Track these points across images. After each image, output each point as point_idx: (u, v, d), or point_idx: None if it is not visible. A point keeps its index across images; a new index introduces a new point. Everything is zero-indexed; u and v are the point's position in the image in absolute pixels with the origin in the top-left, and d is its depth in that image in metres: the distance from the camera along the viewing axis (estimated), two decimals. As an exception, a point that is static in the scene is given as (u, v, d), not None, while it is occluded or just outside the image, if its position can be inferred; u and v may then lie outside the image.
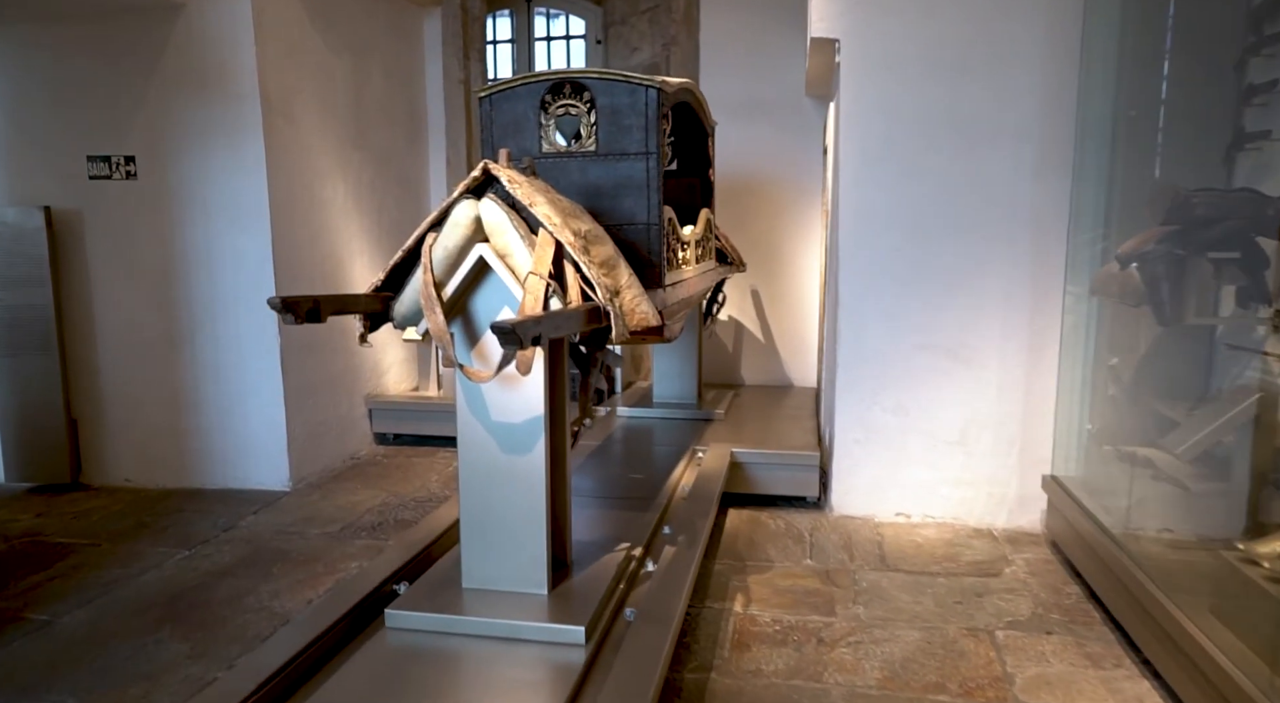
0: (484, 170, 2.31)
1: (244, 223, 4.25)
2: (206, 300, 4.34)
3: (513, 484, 2.42)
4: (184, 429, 4.45)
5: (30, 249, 4.27)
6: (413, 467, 4.86)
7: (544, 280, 2.17)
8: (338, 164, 4.88)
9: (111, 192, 4.32)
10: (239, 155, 4.21)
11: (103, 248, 4.38)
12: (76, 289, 4.42)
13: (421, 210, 5.97)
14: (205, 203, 4.27)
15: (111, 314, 4.42)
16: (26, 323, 4.33)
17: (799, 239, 5.65)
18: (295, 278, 4.45)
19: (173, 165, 4.27)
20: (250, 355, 4.34)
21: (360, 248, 5.12)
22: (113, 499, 4.33)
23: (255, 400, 4.38)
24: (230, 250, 4.29)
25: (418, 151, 5.88)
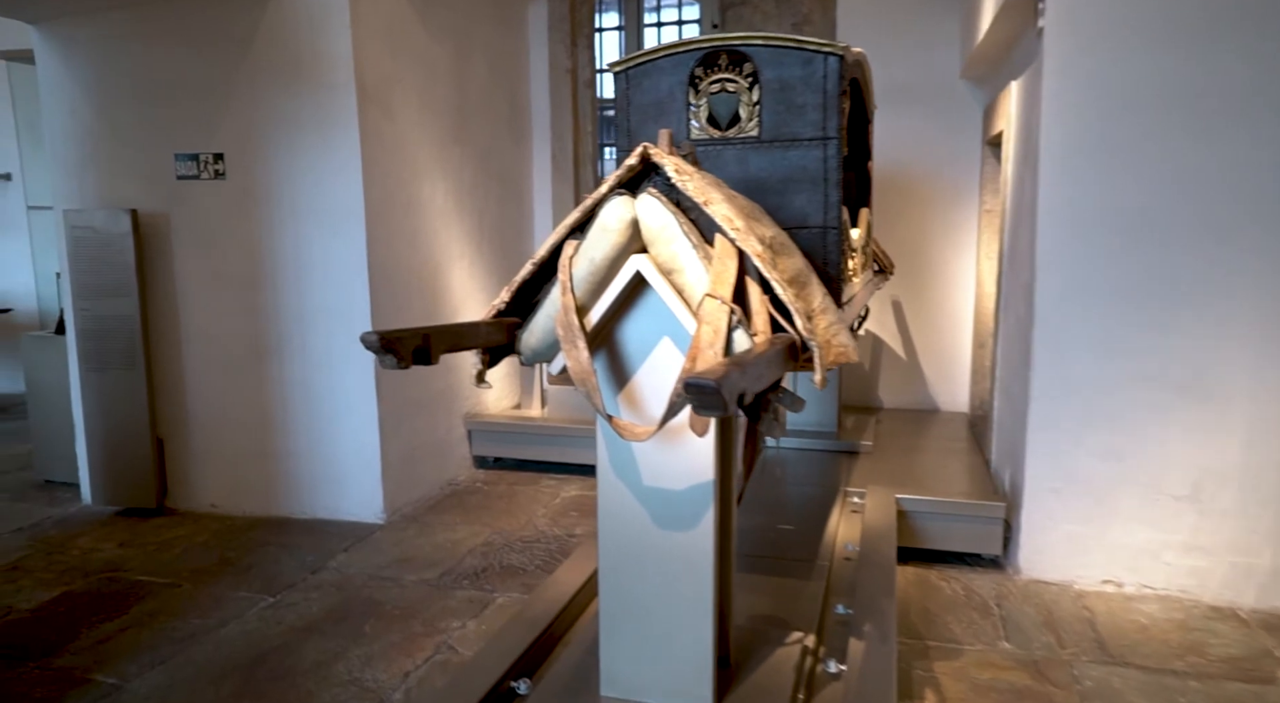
0: (642, 157, 1.75)
1: (337, 225, 3.83)
2: (296, 311, 3.94)
3: (670, 569, 1.86)
4: (271, 453, 4.06)
5: (117, 255, 3.95)
6: (516, 497, 4.37)
7: (727, 306, 1.60)
8: (437, 161, 4.43)
9: (199, 192, 3.97)
10: (332, 151, 3.78)
11: (189, 253, 4.03)
12: (162, 298, 4.08)
13: (524, 212, 5.50)
14: (295, 203, 3.87)
15: (197, 325, 4.07)
16: (113, 335, 4.01)
17: (951, 244, 4.95)
18: (391, 286, 4.02)
19: (262, 163, 3.88)
20: (342, 372, 3.93)
21: (460, 253, 4.67)
22: (197, 528, 3.97)
23: (347, 422, 3.96)
24: (321, 256, 3.87)
25: (520, 148, 5.41)
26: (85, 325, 4.02)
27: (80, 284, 4.00)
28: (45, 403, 4.59)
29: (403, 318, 4.12)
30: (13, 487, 4.63)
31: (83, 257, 3.98)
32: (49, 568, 3.54)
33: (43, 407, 4.61)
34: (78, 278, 4.00)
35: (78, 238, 3.98)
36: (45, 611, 3.16)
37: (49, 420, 4.58)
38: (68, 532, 3.95)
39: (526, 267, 1.83)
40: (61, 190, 4.13)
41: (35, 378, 4.62)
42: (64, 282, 4.12)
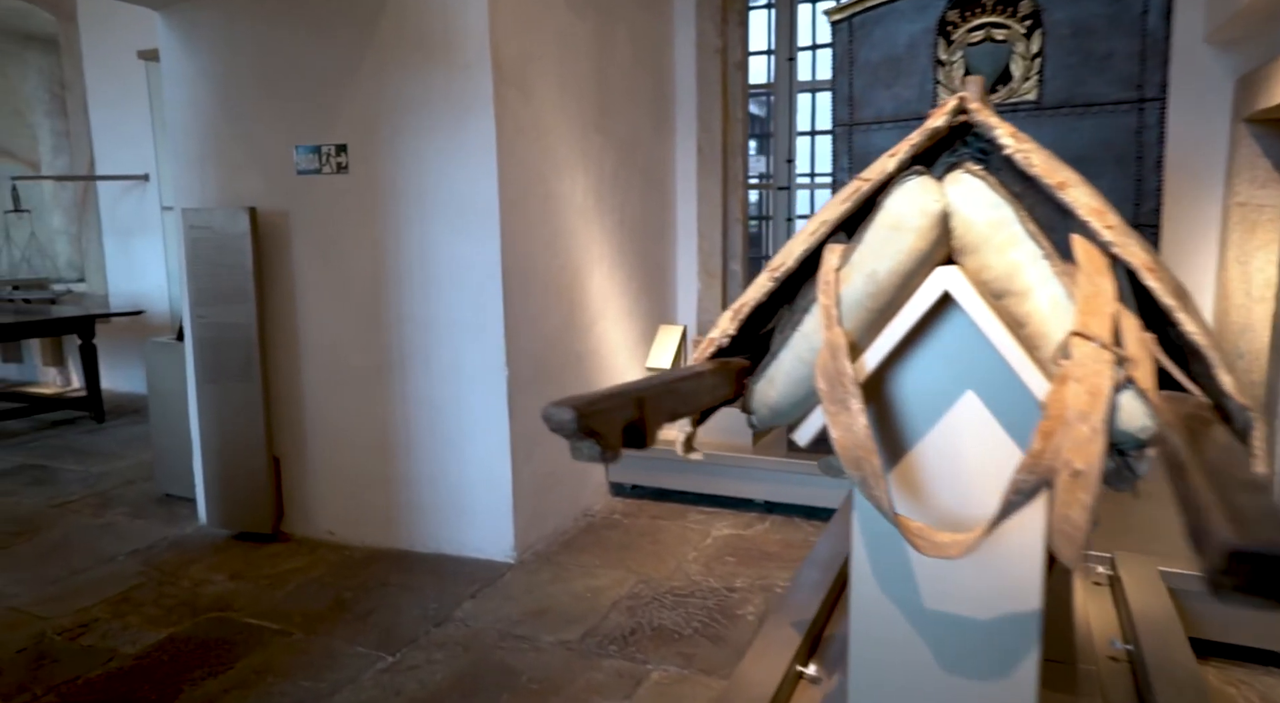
0: (957, 109, 1.13)
1: (467, 223, 3.37)
2: (421, 320, 3.50)
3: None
4: (393, 478, 3.65)
5: (234, 258, 3.61)
6: (660, 535, 3.82)
7: (1111, 353, 0.98)
8: (577, 151, 3.92)
9: (320, 188, 3.58)
10: (464, 138, 3.32)
11: (308, 256, 3.66)
12: (280, 305, 3.73)
13: (668, 211, 4.95)
14: (422, 199, 3.43)
15: (316, 335, 3.70)
16: (229, 344, 3.68)
17: (1181, 244, 4.09)
18: (526, 294, 3.53)
19: (387, 154, 3.46)
20: (471, 389, 3.47)
21: (600, 255, 4.15)
22: (313, 559, 3.60)
23: (476, 446, 3.50)
24: (449, 258, 3.42)
25: (662, 137, 4.86)
26: (202, 333, 3.71)
27: (198, 289, 3.69)
28: (165, 413, 4.35)
29: (538, 329, 3.63)
30: (133, 500, 4.41)
31: (201, 259, 3.67)
32: (158, 602, 3.21)
33: (163, 417, 4.37)
34: (196, 282, 3.69)
35: (196, 239, 3.67)
36: (149, 658, 2.81)
37: (169, 432, 4.33)
38: (181, 557, 3.64)
39: (762, 281, 1.25)
40: (183, 187, 3.84)
41: (156, 386, 4.39)
42: (183, 285, 3.83)
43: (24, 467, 5.03)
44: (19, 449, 5.40)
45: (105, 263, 7.21)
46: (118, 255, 7.15)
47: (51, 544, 3.82)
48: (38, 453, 5.31)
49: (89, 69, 6.97)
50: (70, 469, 4.96)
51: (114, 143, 6.93)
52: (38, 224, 8.00)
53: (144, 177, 6.82)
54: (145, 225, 6.90)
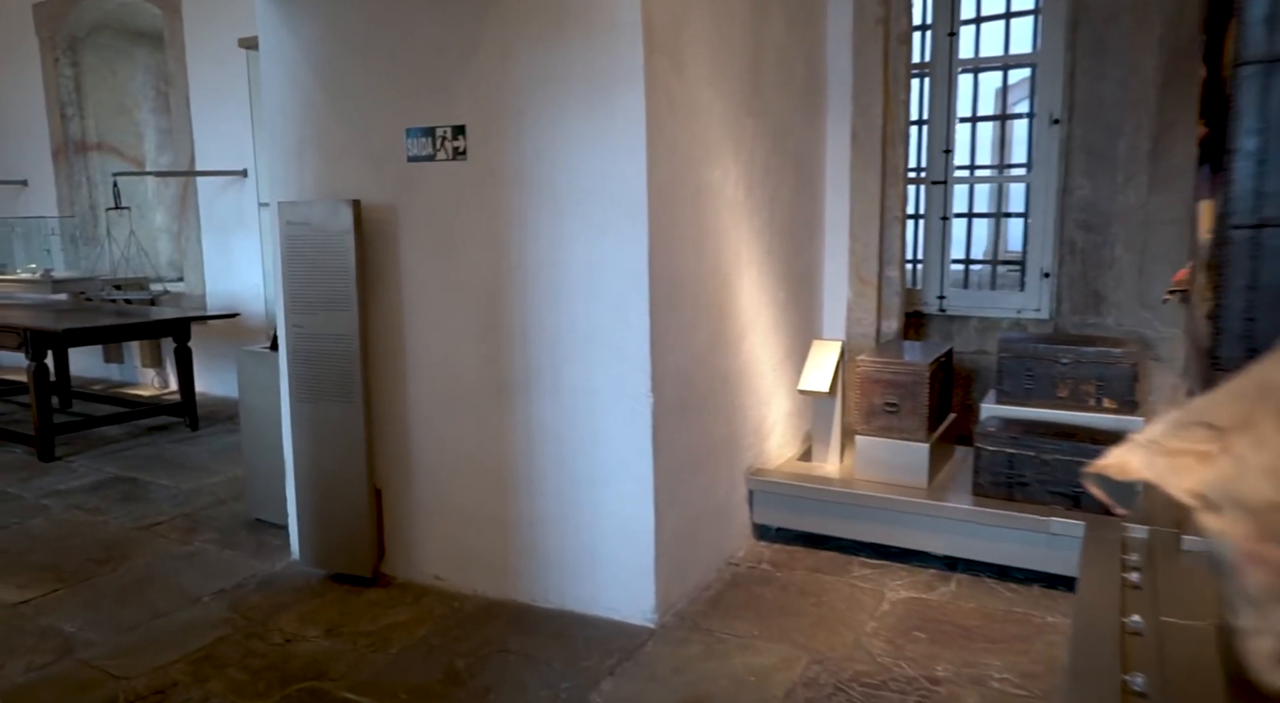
0: None
1: (609, 218, 2.80)
2: (551, 334, 2.95)
3: None
4: (512, 518, 3.10)
5: (335, 259, 3.13)
6: (824, 594, 3.17)
7: None
8: (730, 136, 3.31)
9: (433, 178, 3.07)
10: (608, 116, 2.75)
11: (419, 256, 3.15)
12: (386, 313, 3.23)
13: (817, 207, 4.29)
14: (554, 190, 2.87)
15: (426, 350, 3.18)
16: (328, 358, 3.20)
17: None
18: (674, 303, 2.94)
19: (513, 137, 2.91)
20: (607, 417, 2.89)
21: (749, 258, 3.53)
22: (418, 611, 3.08)
23: (612, 485, 2.93)
24: (585, 260, 2.85)
25: (814, 122, 4.21)
26: (297, 345, 3.24)
27: (293, 294, 3.22)
28: (257, 430, 3.92)
29: (685, 346, 3.03)
30: (223, 523, 4.00)
31: (297, 259, 3.20)
32: (244, 663, 2.73)
33: (255, 434, 3.95)
34: (292, 286, 3.22)
35: (292, 236, 3.20)
36: (228, 743, 2.32)
37: (261, 450, 3.91)
38: (271, 601, 3.18)
39: None
40: (279, 179, 3.38)
41: (248, 400, 3.97)
42: (278, 289, 3.38)
43: (115, 479, 4.71)
44: (113, 458, 5.11)
45: (203, 262, 6.96)
46: (215, 254, 6.88)
47: (134, 577, 3.42)
48: (130, 463, 5.00)
49: (191, 62, 6.72)
50: (161, 484, 4.61)
51: (214, 138, 6.66)
52: (141, 222, 7.85)
53: (242, 172, 6.53)
54: (242, 223, 6.61)
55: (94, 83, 7.78)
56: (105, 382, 7.58)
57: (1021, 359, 3.65)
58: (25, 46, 7.69)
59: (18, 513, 4.19)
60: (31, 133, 7.82)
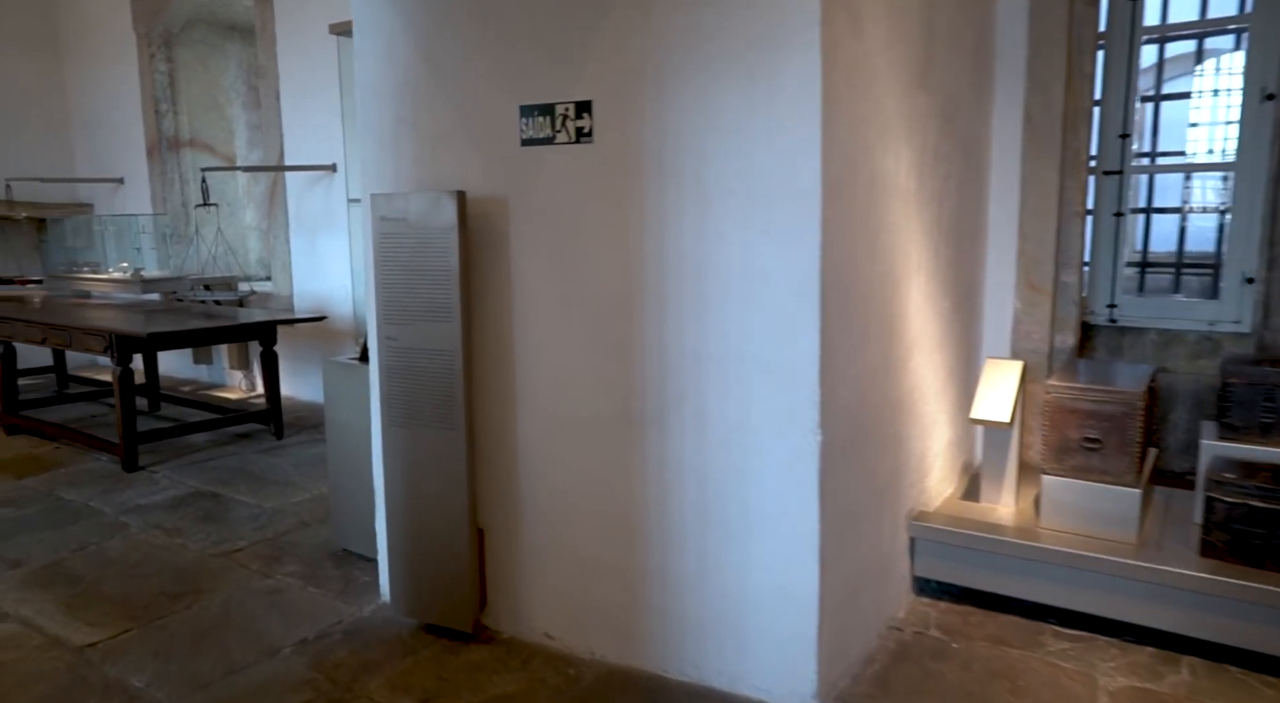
0: None
1: (773, 215, 2.26)
2: (693, 354, 2.43)
3: None
4: (639, 570, 2.60)
5: (435, 261, 2.67)
6: (1018, 674, 2.57)
7: None
8: (901, 113, 2.74)
9: (552, 164, 2.58)
10: (773, 87, 2.21)
11: (534, 258, 2.66)
12: (494, 326, 2.76)
13: (983, 198, 3.67)
14: (700, 177, 2.35)
15: (541, 368, 2.70)
16: (427, 377, 2.75)
17: None
18: (847, 318, 2.39)
19: (650, 114, 2.40)
20: (763, 455, 2.36)
21: (918, 263, 2.95)
22: (527, 679, 2.60)
23: (767, 538, 2.39)
24: (741, 265, 2.32)
25: (982, 99, 3.59)
26: (391, 361, 2.80)
27: (387, 302, 2.78)
28: (345, 450, 3.52)
29: (855, 369, 2.48)
30: (307, 552, 3.61)
31: (391, 262, 2.76)
32: (326, 742, 2.30)
33: (342, 454, 3.54)
34: (385, 292, 2.78)
35: (386, 234, 2.75)
36: None
37: (348, 473, 3.50)
38: (359, 657, 2.75)
39: None
40: (372, 167, 2.95)
41: (335, 416, 3.57)
42: (369, 294, 2.95)
43: (197, 494, 4.40)
44: (196, 469, 4.82)
45: (290, 261, 6.69)
46: (303, 253, 6.61)
47: (210, 618, 3.04)
48: (214, 476, 4.70)
49: (282, 53, 6.46)
50: (243, 502, 4.27)
51: (303, 132, 6.38)
52: (231, 220, 7.67)
53: (330, 167, 6.22)
54: (330, 220, 6.30)
55: (187, 78, 7.63)
56: (194, 383, 7.42)
57: (1258, 386, 2.97)
58: (123, 44, 7.59)
59: (97, 532, 3.90)
60: (128, 130, 7.72)
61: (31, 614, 3.10)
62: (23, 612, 3.12)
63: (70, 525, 3.98)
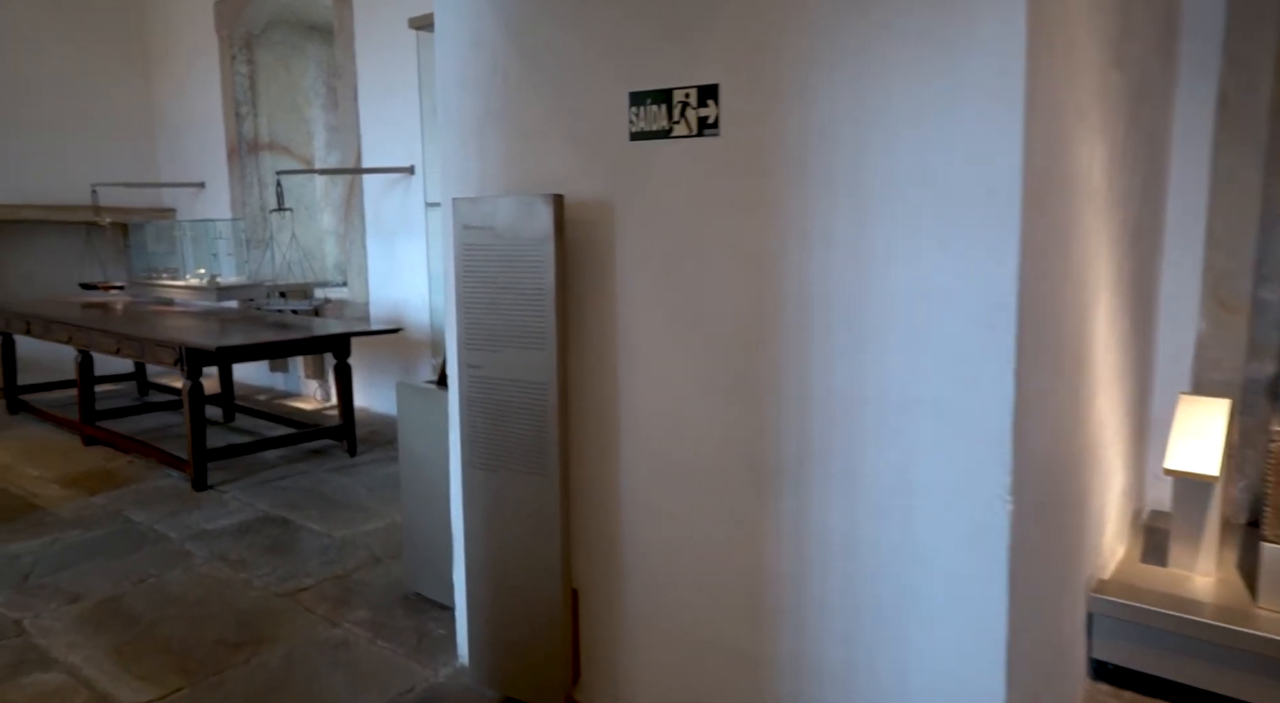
0: None
1: (953, 224, 1.78)
2: (844, 396, 1.95)
3: None
4: (770, 656, 2.14)
5: (527, 277, 2.26)
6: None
7: None
8: (1096, 94, 2.22)
9: (668, 162, 2.14)
10: (956, 58, 1.73)
11: (644, 273, 2.23)
12: (594, 355, 2.34)
13: (1163, 197, 3.10)
14: (858, 176, 1.88)
15: (650, 407, 2.26)
16: (514, 413, 2.34)
17: None
18: (1040, 355, 1.88)
19: (793, 100, 1.94)
20: (937, 526, 1.87)
21: (1104, 280, 2.42)
22: (631, 779, 2.17)
23: (936, 625, 1.90)
24: (910, 286, 1.84)
25: (1166, 78, 3.02)
26: (473, 393, 2.40)
27: (469, 323, 2.38)
28: (419, 481, 3.16)
29: (1047, 414, 1.97)
30: (378, 595, 3.27)
31: (476, 276, 2.36)
32: None
33: (416, 485, 3.18)
34: (467, 312, 2.39)
35: (469, 245, 2.36)
36: None
37: (422, 507, 3.14)
38: (432, 736, 2.36)
39: None
40: (453, 168, 2.56)
41: (409, 445, 3.21)
42: (450, 312, 2.56)
43: (266, 520, 4.12)
44: (267, 490, 4.55)
45: (367, 266, 6.44)
46: (379, 258, 6.34)
47: (269, 677, 2.70)
48: (284, 498, 4.42)
49: (360, 51, 6.21)
50: (312, 530, 3.96)
51: (381, 133, 6.12)
52: (309, 224, 7.50)
53: (408, 169, 5.93)
54: (408, 224, 6.01)
55: (267, 80, 7.48)
56: (270, 391, 7.25)
57: None
58: (206, 47, 7.49)
59: (159, 561, 3.63)
60: (209, 134, 7.62)
61: (81, 662, 2.82)
62: (72, 659, 2.84)
63: (134, 552, 3.73)
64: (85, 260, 7.73)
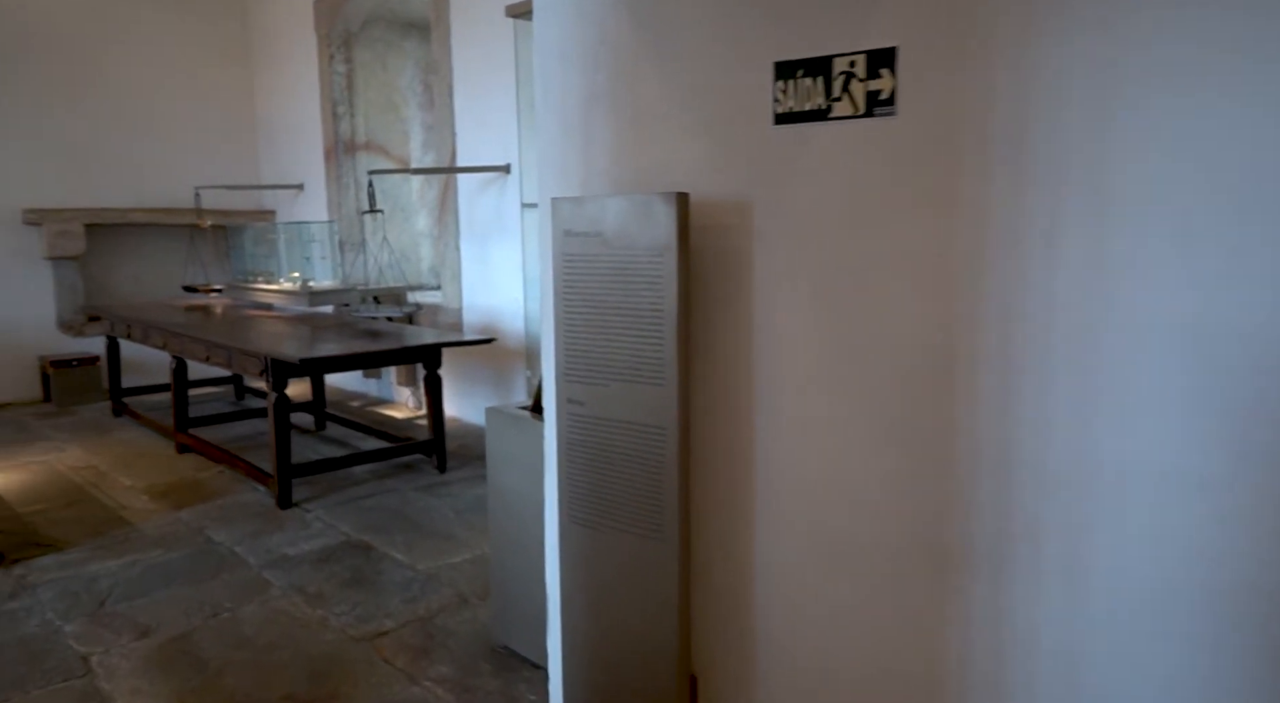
0: None
1: (1250, 230, 1.25)
2: (1066, 461, 1.45)
3: None
4: (949, 790, 1.65)
5: (642, 296, 1.84)
6: None
7: None
8: None
9: (824, 151, 1.67)
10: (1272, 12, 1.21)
11: (791, 292, 1.77)
12: (724, 392, 1.89)
13: None
14: (1102, 168, 1.37)
15: (795, 461, 1.80)
16: (625, 460, 1.92)
17: None
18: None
19: (1006, 64, 1.44)
20: (1198, 644, 1.35)
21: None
22: None
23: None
24: (1166, 317, 1.33)
25: None
26: (573, 433, 1.99)
27: (570, 349, 1.97)
28: (509, 520, 2.78)
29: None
30: (462, 647, 2.91)
31: (579, 292, 1.94)
32: None
33: (506, 525, 2.81)
34: (567, 336, 1.98)
35: (572, 255, 1.95)
36: None
37: (513, 552, 2.76)
38: None
39: None
40: (553, 162, 2.16)
41: (499, 478, 2.83)
42: (544, 335, 2.16)
43: (347, 546, 3.84)
44: (352, 510, 4.29)
45: (460, 270, 6.17)
46: (473, 262, 6.06)
47: (337, 746, 2.37)
48: (368, 519, 4.15)
49: (456, 45, 5.94)
50: (396, 561, 3.65)
51: (475, 130, 5.83)
52: (404, 226, 7.31)
53: (504, 168, 5.61)
54: (503, 226, 5.70)
55: (365, 78, 7.33)
56: (363, 397, 7.09)
57: None
58: (305, 47, 7.39)
59: (235, 591, 3.38)
60: (308, 135, 7.53)
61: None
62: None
63: (211, 579, 3.49)
64: (189, 263, 7.76)
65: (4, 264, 6.95)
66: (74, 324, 7.24)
